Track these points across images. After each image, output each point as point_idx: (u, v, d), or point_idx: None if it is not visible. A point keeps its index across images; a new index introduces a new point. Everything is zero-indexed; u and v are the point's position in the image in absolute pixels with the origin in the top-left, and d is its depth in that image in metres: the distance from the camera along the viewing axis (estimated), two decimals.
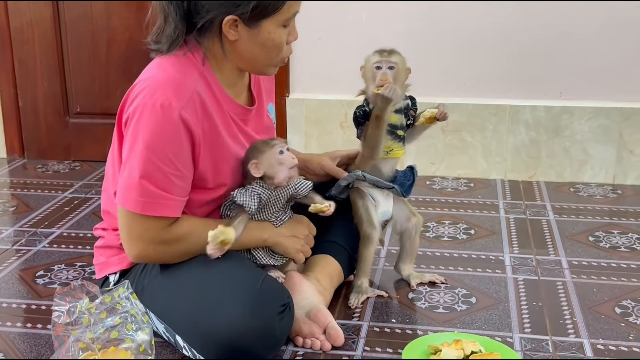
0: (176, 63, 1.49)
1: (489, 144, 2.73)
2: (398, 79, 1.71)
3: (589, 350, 1.58)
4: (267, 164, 1.56)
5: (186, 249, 1.53)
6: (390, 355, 1.58)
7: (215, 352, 1.45)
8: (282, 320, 1.48)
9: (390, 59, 1.70)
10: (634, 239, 2.19)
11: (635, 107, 2.61)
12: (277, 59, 1.55)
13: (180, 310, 1.49)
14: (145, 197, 1.45)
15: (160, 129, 1.43)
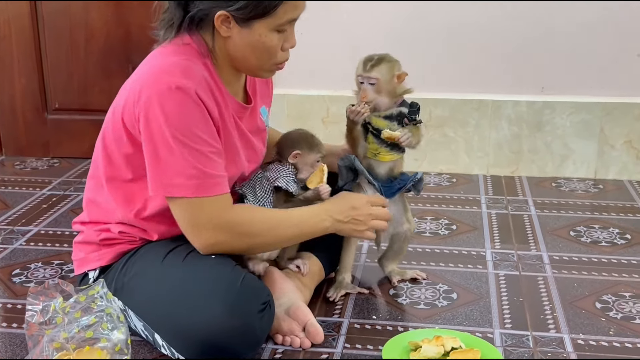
0: (178, 51, 1.48)
1: (471, 139, 2.73)
2: (382, 91, 1.69)
3: (569, 345, 1.58)
4: (305, 161, 1.69)
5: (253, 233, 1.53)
6: (370, 352, 1.57)
7: (195, 350, 1.43)
8: (262, 318, 1.47)
9: (371, 75, 1.67)
10: (615, 233, 2.19)
11: (615, 102, 2.62)
12: (270, 63, 1.53)
13: (160, 308, 1.47)
14: (194, 179, 1.44)
15: (184, 110, 1.42)
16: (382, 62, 1.68)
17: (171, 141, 1.42)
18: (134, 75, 1.51)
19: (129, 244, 1.58)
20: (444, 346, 1.51)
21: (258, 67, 1.54)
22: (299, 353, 1.56)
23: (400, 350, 1.52)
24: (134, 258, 1.56)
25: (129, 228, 1.57)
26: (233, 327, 1.40)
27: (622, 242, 2.13)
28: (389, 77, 1.68)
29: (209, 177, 1.45)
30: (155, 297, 1.48)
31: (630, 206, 2.42)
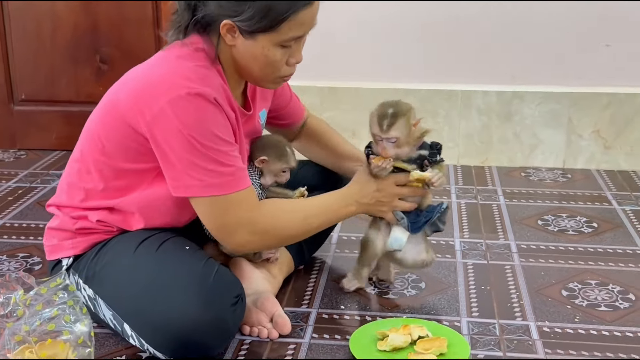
0: (193, 57, 1.47)
1: (442, 129, 2.73)
2: (402, 145, 1.60)
3: (535, 333, 1.59)
4: (271, 169, 1.68)
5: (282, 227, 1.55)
6: (338, 342, 1.57)
7: (165, 342, 1.42)
8: (235, 312, 1.46)
9: (390, 135, 1.58)
10: (582, 222, 2.22)
11: (583, 92, 2.64)
12: (273, 77, 1.52)
13: (130, 299, 1.45)
14: (221, 177, 1.43)
15: (204, 113, 1.42)
16: (399, 118, 1.58)
17: (191, 143, 1.40)
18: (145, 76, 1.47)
19: (105, 234, 1.55)
20: (411, 335, 1.51)
21: (261, 79, 1.53)
22: (267, 344, 1.56)
23: (367, 339, 1.53)
24: (106, 246, 1.54)
25: (109, 217, 1.54)
26: (205, 321, 1.40)
27: (589, 230, 2.15)
28: (407, 131, 1.59)
29: (232, 174, 1.45)
30: (126, 287, 1.47)
31: (598, 195, 2.44)
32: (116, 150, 1.49)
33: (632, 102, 2.61)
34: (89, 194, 1.54)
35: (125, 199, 1.52)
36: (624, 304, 1.72)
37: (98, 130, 1.51)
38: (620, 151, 2.67)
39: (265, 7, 1.41)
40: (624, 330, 1.60)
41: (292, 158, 1.70)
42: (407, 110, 1.61)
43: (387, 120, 1.58)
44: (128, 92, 1.47)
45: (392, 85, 2.73)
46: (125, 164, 1.50)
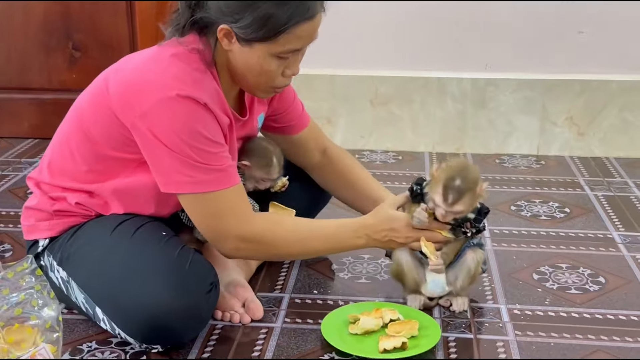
0: (189, 58, 1.45)
1: (417, 116, 2.74)
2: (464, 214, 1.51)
3: (505, 315, 1.61)
4: (252, 174, 1.69)
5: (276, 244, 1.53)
6: (310, 325, 1.57)
7: (137, 327, 1.41)
8: (209, 299, 1.46)
9: (454, 209, 1.47)
10: (554, 207, 2.23)
11: (556, 79, 2.65)
12: (266, 86, 1.50)
13: (104, 283, 1.45)
14: (211, 174, 1.42)
15: (194, 116, 1.40)
16: (465, 193, 1.45)
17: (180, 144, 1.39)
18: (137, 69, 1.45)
19: (82, 217, 1.54)
20: (382, 318, 1.52)
21: (254, 87, 1.51)
22: (239, 329, 1.55)
23: (339, 323, 1.53)
24: (82, 229, 1.53)
25: (88, 200, 1.53)
26: (179, 308, 1.39)
27: (561, 215, 2.17)
28: (471, 203, 1.49)
29: (223, 170, 1.44)
30: (100, 270, 1.46)
31: (571, 181, 2.46)
32: (101, 137, 1.48)
33: (605, 89, 2.63)
34: (69, 175, 1.53)
35: (105, 185, 1.51)
36: (594, 286, 1.74)
37: (85, 114, 1.50)
38: (593, 138, 2.68)
39: (265, 16, 1.38)
40: (593, 312, 1.62)
41: (275, 170, 1.69)
42: (474, 181, 1.47)
43: (453, 195, 1.45)
44: (119, 83, 1.45)
45: (368, 72, 2.73)
46: (108, 150, 1.49)
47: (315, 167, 1.84)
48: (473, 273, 1.58)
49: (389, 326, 1.50)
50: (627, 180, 2.46)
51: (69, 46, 2.79)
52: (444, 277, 1.58)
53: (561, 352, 1.47)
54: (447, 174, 1.47)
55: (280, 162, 1.71)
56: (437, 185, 1.48)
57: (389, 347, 1.43)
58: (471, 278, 1.59)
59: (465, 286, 1.60)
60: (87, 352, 1.47)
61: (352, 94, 2.74)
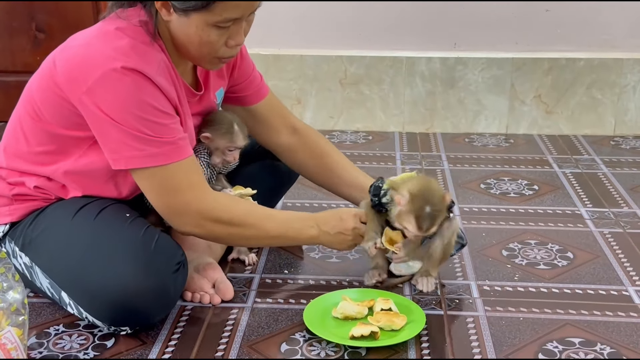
0: (134, 31, 1.41)
1: (387, 96, 2.73)
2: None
3: (475, 291, 1.61)
4: (216, 145, 1.64)
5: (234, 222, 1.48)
6: (281, 305, 1.56)
7: (105, 311, 1.40)
8: (176, 279, 1.44)
9: (429, 233, 1.52)
10: (523, 185, 2.25)
11: (524, 57, 2.66)
12: (210, 57, 1.45)
13: (68, 267, 1.42)
14: (162, 147, 1.39)
15: (140, 88, 1.36)
16: (437, 217, 1.49)
17: (128, 116, 1.36)
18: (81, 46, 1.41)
19: (42, 201, 1.51)
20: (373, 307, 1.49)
21: (198, 58, 1.47)
22: (209, 309, 1.54)
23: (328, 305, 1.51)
24: (44, 213, 1.50)
25: (47, 184, 1.50)
26: (146, 289, 1.37)
27: (530, 192, 2.19)
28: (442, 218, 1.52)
29: (174, 142, 1.41)
30: (63, 254, 1.44)
31: (539, 159, 2.48)
32: (51, 116, 1.45)
33: (572, 67, 2.65)
34: (24, 158, 1.50)
35: (60, 167, 1.48)
36: (562, 262, 1.75)
37: (35, 95, 1.47)
38: (561, 116, 2.71)
39: None
40: (562, 287, 1.64)
41: (238, 136, 1.64)
42: (441, 201, 1.50)
43: (426, 223, 1.48)
44: (64, 62, 1.42)
45: (338, 52, 2.72)
46: (59, 129, 1.45)
47: (286, 149, 1.79)
48: (447, 242, 1.57)
49: (375, 314, 1.47)
50: (595, 157, 2.49)
51: (33, 28, 2.73)
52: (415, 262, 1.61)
53: (530, 327, 1.48)
54: (416, 205, 1.48)
55: (243, 128, 1.66)
56: (409, 215, 1.48)
57: (357, 334, 1.40)
58: (445, 247, 1.58)
59: (437, 257, 1.59)
60: (55, 336, 1.45)
61: (321, 74, 2.72)
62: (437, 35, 2.69)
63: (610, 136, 2.70)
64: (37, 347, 1.41)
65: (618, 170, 2.37)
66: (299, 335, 1.45)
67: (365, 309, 1.49)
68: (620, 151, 2.55)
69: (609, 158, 2.48)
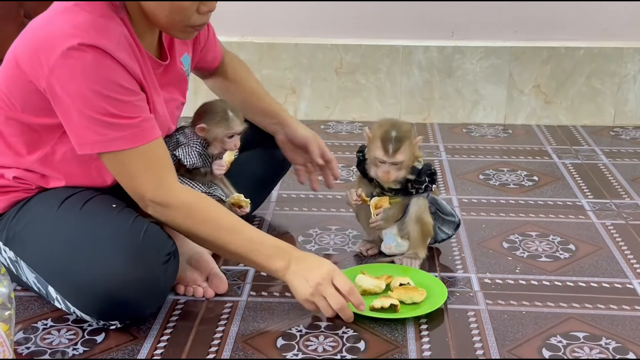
0: (93, 6, 1.35)
1: (383, 86, 2.69)
2: (404, 167, 1.57)
3: (476, 284, 1.57)
4: (214, 136, 1.58)
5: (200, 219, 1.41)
6: (276, 299, 1.52)
7: (94, 305, 1.35)
8: (167, 270, 1.39)
9: (396, 160, 1.54)
10: (522, 175, 2.21)
11: (523, 46, 2.62)
12: (182, 25, 1.39)
13: (55, 260, 1.37)
14: (127, 129, 1.33)
15: (100, 64, 1.30)
16: (403, 142, 1.54)
17: (90, 95, 1.30)
18: (40, 27, 1.36)
19: (24, 192, 1.46)
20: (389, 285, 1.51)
21: (169, 27, 1.41)
22: (202, 303, 1.50)
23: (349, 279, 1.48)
24: (27, 205, 1.45)
25: (26, 174, 1.45)
26: (135, 280, 1.32)
27: (529, 184, 2.15)
28: (410, 153, 1.56)
29: (134, 125, 1.35)
30: (49, 247, 1.38)
31: (538, 149, 2.44)
32: (21, 104, 1.40)
33: (571, 56, 2.61)
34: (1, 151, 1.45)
35: (37, 156, 1.43)
36: (564, 254, 1.71)
37: (2, 85, 1.41)
38: (560, 106, 2.67)
39: None
40: (564, 279, 1.60)
41: (236, 122, 1.59)
42: (409, 131, 1.57)
43: (392, 145, 1.53)
44: (25, 45, 1.36)
45: (333, 40, 2.67)
46: (31, 117, 1.40)
47: (209, 75, 1.79)
48: (417, 218, 1.60)
49: (394, 289, 1.49)
50: (595, 148, 2.45)
51: (21, 14, 2.67)
52: (396, 229, 1.63)
53: (533, 321, 1.44)
54: (381, 130, 1.56)
55: (238, 113, 1.60)
56: (375, 141, 1.55)
57: (377, 305, 1.42)
58: (419, 226, 1.60)
59: (416, 236, 1.61)
60: (43, 331, 1.40)
61: (316, 63, 2.67)
62: (434, 24, 2.65)
63: (609, 127, 2.66)
64: (24, 343, 1.36)
65: (619, 161, 2.33)
66: (295, 330, 1.40)
67: (383, 284, 1.49)
68: (620, 142, 2.52)
69: (609, 149, 2.44)
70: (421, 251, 1.63)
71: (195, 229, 1.41)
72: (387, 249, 1.66)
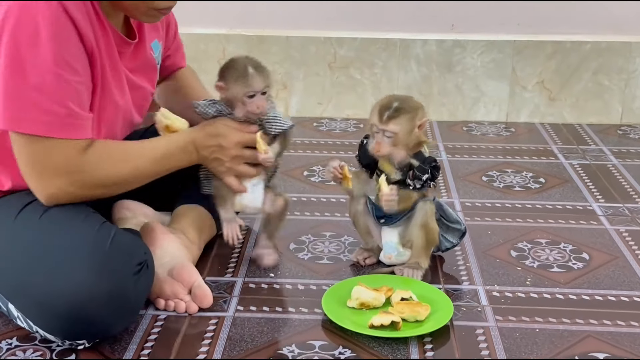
0: None
1: (379, 81, 2.57)
2: (399, 144, 1.44)
3: (484, 298, 1.44)
4: (232, 95, 1.42)
5: (107, 177, 1.32)
6: (266, 314, 1.38)
7: (56, 322, 1.21)
8: (137, 282, 1.26)
9: (387, 128, 1.42)
10: (528, 177, 2.08)
11: (526, 40, 2.51)
12: (145, 7, 1.30)
13: (14, 274, 1.23)
14: (51, 115, 1.21)
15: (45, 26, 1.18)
16: (402, 113, 1.42)
17: (25, 59, 1.18)
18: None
19: None
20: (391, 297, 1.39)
21: (132, 8, 1.30)
22: (184, 319, 1.36)
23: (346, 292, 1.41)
24: None
25: None
26: (101, 295, 1.19)
27: (536, 186, 2.02)
28: (408, 129, 1.43)
29: (69, 115, 1.23)
30: (6, 260, 1.25)
31: (543, 149, 2.32)
32: None
33: (577, 51, 2.50)
34: None
35: None
36: (577, 264, 1.59)
37: None
38: (565, 103, 2.56)
39: None
40: (579, 292, 1.47)
41: (256, 79, 1.40)
42: (415, 107, 1.45)
43: (389, 112, 1.42)
44: None
45: (326, 33, 2.56)
46: None
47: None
48: (422, 224, 1.47)
49: (395, 304, 1.37)
50: (603, 147, 2.33)
51: None
52: (397, 238, 1.51)
53: (548, 339, 1.31)
54: (385, 98, 1.47)
55: (262, 71, 1.42)
56: (375, 107, 1.46)
57: (377, 323, 1.30)
58: (424, 233, 1.48)
59: (420, 244, 1.49)
60: (7, 351, 1.26)
61: (308, 57, 2.55)
62: (433, 16, 2.53)
63: (617, 125, 2.55)
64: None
65: (628, 161, 2.21)
66: (287, 350, 1.27)
67: (383, 297, 1.38)
68: (628, 141, 2.40)
69: (617, 148, 2.32)
70: (424, 261, 1.51)
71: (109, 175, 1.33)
72: (386, 259, 1.53)
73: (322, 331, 1.32)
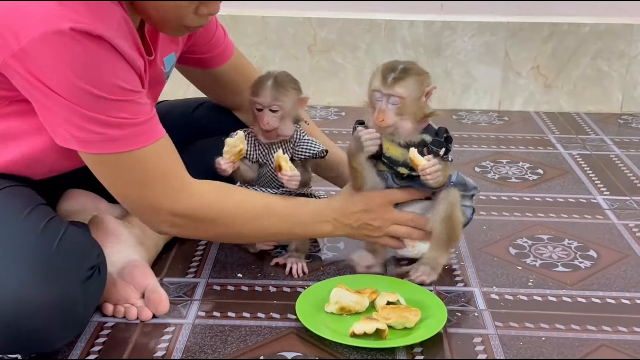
0: None
1: (362, 65, 2.43)
2: (406, 113, 1.26)
3: (481, 302, 1.28)
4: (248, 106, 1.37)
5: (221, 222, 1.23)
6: (232, 320, 1.21)
7: None
8: (88, 289, 1.12)
9: (393, 92, 1.24)
10: (525, 168, 1.93)
11: (521, 22, 2.39)
12: (175, 24, 1.19)
13: None
14: (127, 128, 1.10)
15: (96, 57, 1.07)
16: (410, 74, 1.26)
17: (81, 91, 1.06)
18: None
19: None
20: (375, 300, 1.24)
21: (161, 22, 1.19)
22: (135, 327, 1.19)
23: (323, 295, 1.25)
24: None
25: None
26: (44, 305, 1.05)
27: (534, 177, 1.86)
28: (417, 94, 1.26)
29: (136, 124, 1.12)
30: None
31: (540, 138, 2.17)
32: None
33: (575, 34, 2.37)
34: None
35: None
36: (584, 262, 1.42)
37: None
38: (561, 90, 2.43)
39: None
40: (588, 295, 1.31)
41: (265, 93, 1.31)
42: (422, 71, 1.29)
43: (394, 74, 1.25)
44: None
45: (305, 13, 2.44)
46: None
47: (241, 106, 1.52)
48: (445, 215, 1.30)
49: (380, 309, 1.21)
50: (603, 137, 2.18)
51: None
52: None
53: (556, 349, 1.15)
54: (388, 62, 1.29)
55: (281, 86, 1.32)
56: (377, 72, 1.28)
57: (359, 331, 1.15)
58: (448, 226, 1.31)
59: (442, 238, 1.32)
60: None
61: (286, 39, 2.42)
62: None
63: (617, 114, 2.41)
64: None
65: (632, 152, 2.06)
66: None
67: (366, 300, 1.24)
68: (630, 130, 2.26)
69: (619, 138, 2.18)
70: (444, 257, 1.34)
71: (230, 231, 1.25)
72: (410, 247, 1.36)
73: (296, 340, 1.17)
